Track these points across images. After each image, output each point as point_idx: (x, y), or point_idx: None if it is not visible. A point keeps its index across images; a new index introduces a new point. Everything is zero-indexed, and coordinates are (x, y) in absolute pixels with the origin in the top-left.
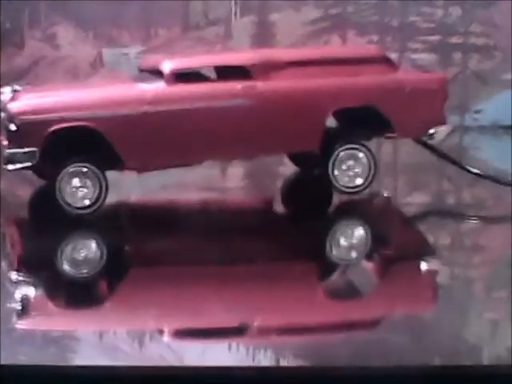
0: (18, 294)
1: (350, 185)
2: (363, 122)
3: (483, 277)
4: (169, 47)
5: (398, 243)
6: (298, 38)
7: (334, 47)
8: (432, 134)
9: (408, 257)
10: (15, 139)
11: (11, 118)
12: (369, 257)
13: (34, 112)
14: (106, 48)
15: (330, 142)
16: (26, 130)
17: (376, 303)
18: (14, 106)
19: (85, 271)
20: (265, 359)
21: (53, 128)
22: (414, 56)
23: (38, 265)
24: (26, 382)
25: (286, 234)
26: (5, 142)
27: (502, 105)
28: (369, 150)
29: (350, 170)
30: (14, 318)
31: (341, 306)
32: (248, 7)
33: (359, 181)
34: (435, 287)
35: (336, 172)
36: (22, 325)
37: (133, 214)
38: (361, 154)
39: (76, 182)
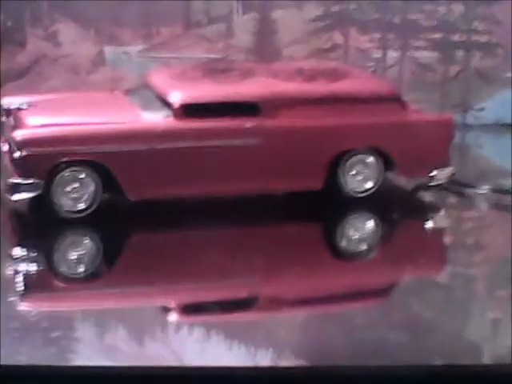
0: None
1: (360, 189)
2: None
3: None
4: (170, 45)
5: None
6: (299, 35)
7: (345, 82)
8: (434, 176)
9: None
10: (20, 168)
11: (17, 147)
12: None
13: (40, 144)
14: (107, 46)
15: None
16: (32, 162)
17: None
18: (19, 135)
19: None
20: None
21: (59, 161)
22: (416, 54)
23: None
24: (24, 381)
25: (290, 200)
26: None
27: (505, 103)
28: (377, 154)
29: (358, 175)
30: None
31: (351, 268)
32: (250, 5)
33: (369, 184)
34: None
35: (345, 178)
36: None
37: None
38: (369, 159)
39: (71, 185)
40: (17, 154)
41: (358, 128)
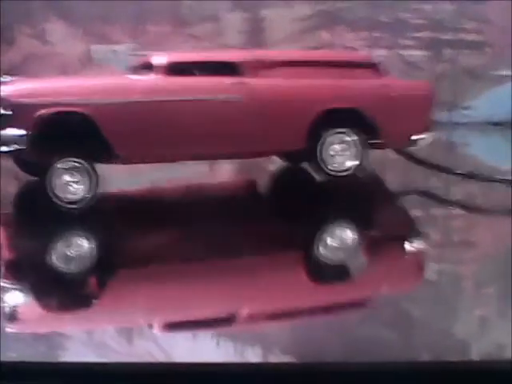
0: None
1: (340, 168)
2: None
3: None
4: (159, 44)
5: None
6: (289, 34)
7: (325, 51)
8: (416, 141)
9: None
10: (5, 122)
11: (1, 100)
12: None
13: (24, 95)
14: (95, 44)
15: (317, 137)
16: (16, 113)
17: (364, 286)
18: (5, 90)
19: (74, 267)
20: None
21: (43, 111)
22: (405, 52)
23: (28, 261)
24: (19, 378)
25: (272, 225)
26: None
27: (492, 101)
28: (357, 133)
29: (338, 154)
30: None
31: (329, 289)
32: (239, 3)
33: (348, 164)
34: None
35: (324, 157)
36: (11, 327)
37: (113, 206)
38: (349, 138)
39: (67, 177)
40: (1, 110)
41: (338, 88)
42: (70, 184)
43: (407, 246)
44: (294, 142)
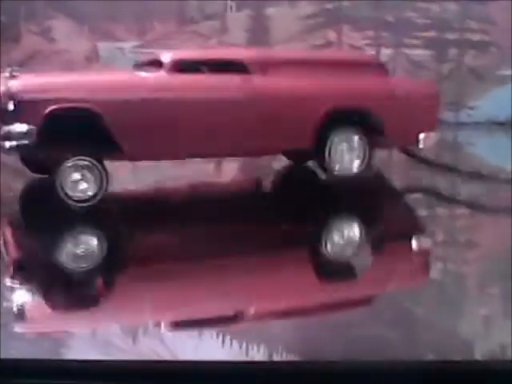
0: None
1: (346, 168)
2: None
3: None
4: (164, 41)
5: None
6: (293, 32)
7: (331, 51)
8: (421, 140)
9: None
10: (13, 117)
11: (10, 96)
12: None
13: (33, 90)
14: (101, 42)
15: (323, 136)
16: (25, 108)
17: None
18: (14, 84)
19: (83, 265)
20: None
21: (52, 107)
22: (410, 52)
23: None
24: (19, 375)
25: (278, 223)
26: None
27: (497, 101)
28: (364, 132)
29: (345, 154)
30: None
31: (335, 288)
32: (244, 2)
33: (355, 163)
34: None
35: (331, 156)
36: (19, 327)
37: (117, 205)
38: (356, 137)
39: (76, 175)
40: (10, 104)
41: (345, 87)
42: (80, 182)
43: (413, 243)
44: (300, 140)
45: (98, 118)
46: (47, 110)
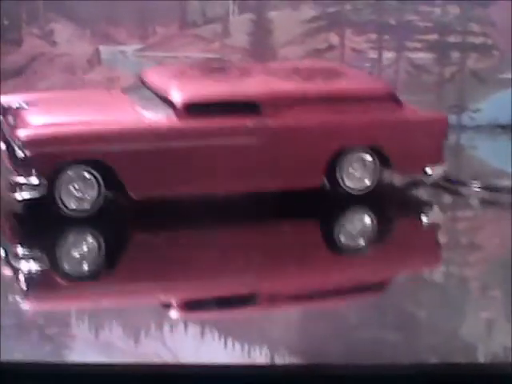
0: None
1: (357, 186)
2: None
3: None
4: (166, 44)
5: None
6: (295, 35)
7: (343, 82)
8: (428, 173)
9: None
10: (24, 168)
11: (20, 146)
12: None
13: (44, 144)
14: (103, 45)
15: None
16: (36, 162)
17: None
18: (24, 135)
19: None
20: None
21: (63, 161)
22: (412, 55)
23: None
24: (22, 378)
25: (289, 197)
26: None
27: (500, 104)
28: (374, 153)
29: (356, 173)
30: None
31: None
32: (246, 5)
33: (366, 182)
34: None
35: (342, 175)
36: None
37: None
38: (367, 157)
39: (75, 185)
40: (21, 154)
41: (355, 126)
42: (78, 192)
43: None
44: (311, 180)
45: (107, 167)
46: (58, 163)
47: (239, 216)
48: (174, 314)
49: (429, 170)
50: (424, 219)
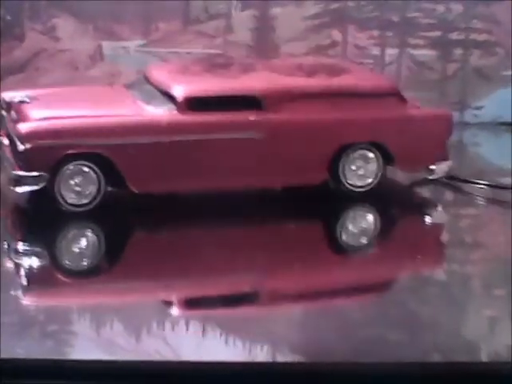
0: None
1: (359, 183)
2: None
3: None
4: (169, 40)
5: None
6: (298, 32)
7: (346, 78)
8: (432, 170)
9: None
10: (24, 161)
11: (21, 140)
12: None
13: (44, 137)
14: (105, 41)
15: (336, 160)
16: (36, 155)
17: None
18: (24, 128)
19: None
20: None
21: (63, 154)
22: (415, 52)
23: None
24: (23, 376)
25: (292, 195)
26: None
27: (503, 101)
28: (377, 149)
29: (359, 170)
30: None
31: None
32: (249, 2)
33: (369, 179)
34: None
35: (345, 173)
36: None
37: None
38: (370, 154)
39: (75, 180)
40: (21, 148)
41: (358, 122)
42: (78, 187)
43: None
44: (313, 176)
45: (107, 161)
46: (58, 157)
47: (242, 213)
48: (175, 311)
49: (433, 167)
50: (428, 217)
